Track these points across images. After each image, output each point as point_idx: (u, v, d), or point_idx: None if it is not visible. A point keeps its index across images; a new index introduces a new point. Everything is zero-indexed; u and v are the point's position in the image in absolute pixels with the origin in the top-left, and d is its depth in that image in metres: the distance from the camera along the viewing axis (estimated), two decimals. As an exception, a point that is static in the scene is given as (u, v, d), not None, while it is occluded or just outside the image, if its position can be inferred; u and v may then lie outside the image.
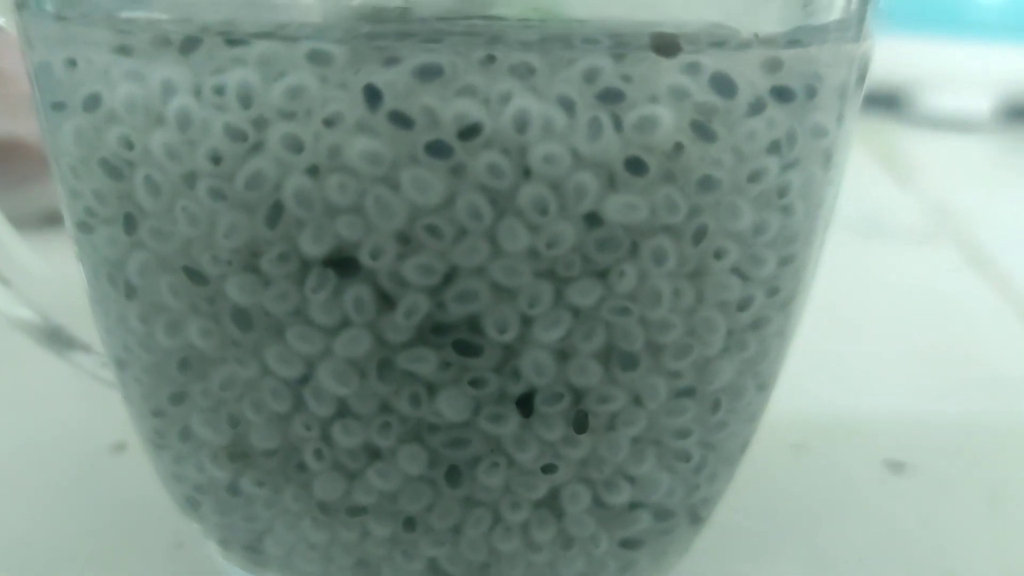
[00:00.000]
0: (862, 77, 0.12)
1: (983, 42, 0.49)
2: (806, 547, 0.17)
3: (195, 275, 0.12)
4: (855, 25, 0.12)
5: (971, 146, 0.49)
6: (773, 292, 0.12)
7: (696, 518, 0.14)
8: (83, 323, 0.17)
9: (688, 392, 0.12)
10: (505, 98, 0.10)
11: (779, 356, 0.13)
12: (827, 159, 0.12)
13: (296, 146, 0.11)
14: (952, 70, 0.49)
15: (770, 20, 0.12)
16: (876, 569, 0.17)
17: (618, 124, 0.10)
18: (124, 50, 0.12)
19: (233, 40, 0.11)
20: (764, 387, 0.13)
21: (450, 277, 0.11)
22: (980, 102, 0.50)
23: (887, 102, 0.51)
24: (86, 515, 0.18)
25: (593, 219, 0.11)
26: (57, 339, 0.17)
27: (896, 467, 0.20)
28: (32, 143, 0.27)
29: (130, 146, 0.11)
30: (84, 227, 0.13)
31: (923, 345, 0.26)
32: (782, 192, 0.12)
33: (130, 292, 0.12)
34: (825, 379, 0.23)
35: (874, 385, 0.24)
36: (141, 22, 0.12)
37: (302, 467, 0.12)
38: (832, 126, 0.12)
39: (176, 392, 0.13)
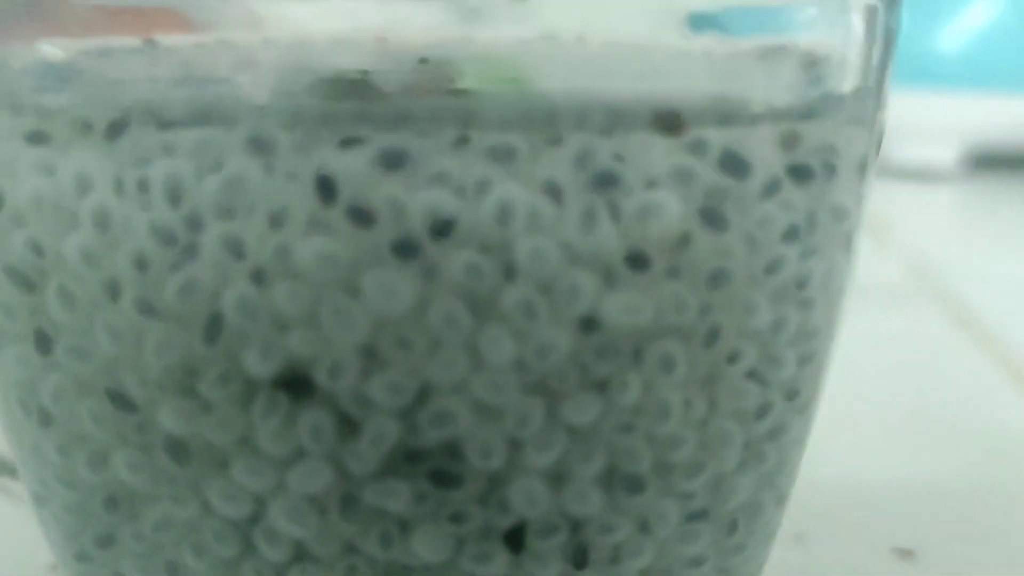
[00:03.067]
0: (877, 150, 0.11)
1: (945, 92, 0.49)
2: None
3: (121, 400, 0.10)
4: (875, 94, 0.10)
5: (940, 197, 0.49)
6: (792, 395, 0.11)
7: (710, 651, 0.12)
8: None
9: (702, 515, 0.11)
10: (483, 186, 0.09)
11: (797, 465, 0.12)
12: (848, 243, 0.11)
13: (237, 249, 0.09)
14: (916, 121, 0.49)
15: (774, 90, 0.10)
16: None
17: (615, 213, 0.09)
18: (37, 138, 0.10)
19: (165, 123, 0.09)
20: (782, 501, 0.12)
21: (424, 396, 0.09)
22: (945, 152, 0.50)
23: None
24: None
25: (589, 323, 0.09)
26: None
27: (904, 554, 0.19)
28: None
29: (40, 252, 0.10)
30: (-9, 344, 0.11)
31: (917, 412, 0.25)
32: (801, 284, 0.10)
33: (45, 419, 0.11)
34: (818, 456, 0.22)
35: (871, 460, 0.22)
36: (59, 104, 0.10)
37: (253, 618, 0.11)
38: (853, 206, 0.10)
39: (103, 534, 0.11)
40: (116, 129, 0.10)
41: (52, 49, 0.11)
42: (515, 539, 0.10)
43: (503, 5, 0.10)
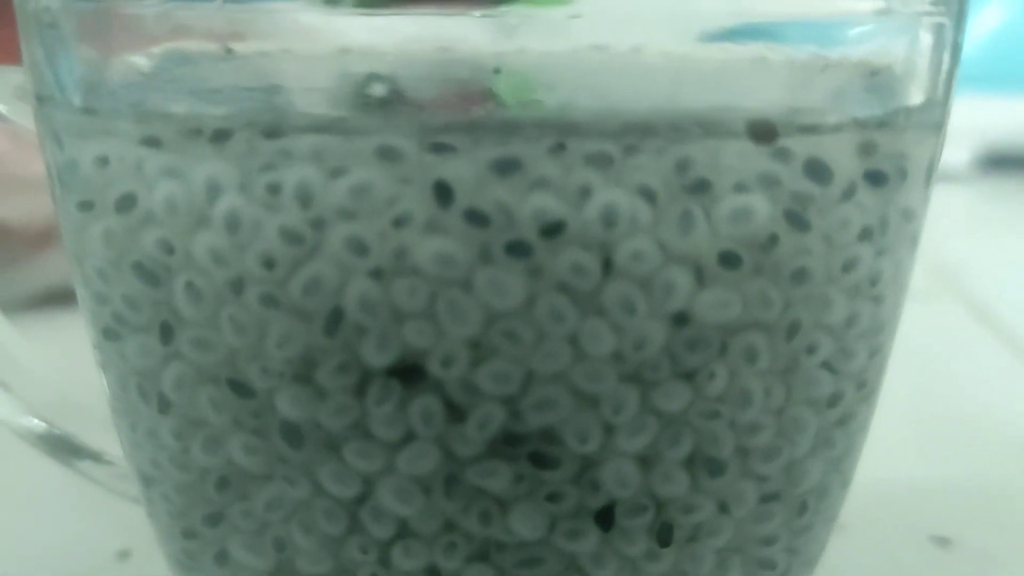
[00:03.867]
0: (940, 155, 0.12)
1: (958, 94, 0.50)
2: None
3: (241, 388, 0.11)
4: (942, 105, 0.11)
5: (954, 197, 0.49)
6: (861, 385, 0.11)
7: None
8: (92, 424, 0.16)
9: (775, 497, 0.11)
10: (585, 191, 0.10)
11: (860, 451, 0.12)
12: (914, 243, 0.11)
13: (360, 248, 0.10)
14: (930, 123, 0.50)
15: (843, 101, 0.11)
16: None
17: (709, 216, 0.10)
18: (155, 143, 0.11)
19: (276, 133, 0.10)
20: (846, 485, 0.12)
21: (527, 385, 0.10)
22: (959, 153, 0.51)
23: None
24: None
25: (682, 318, 0.10)
26: (62, 448, 0.15)
27: (942, 542, 0.19)
28: (17, 225, 0.26)
29: (170, 250, 0.10)
30: (111, 334, 0.12)
31: (944, 409, 0.26)
32: (874, 281, 0.11)
33: (164, 406, 0.11)
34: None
35: (904, 455, 0.23)
36: (168, 111, 0.11)
37: (355, 592, 0.11)
38: (919, 208, 0.11)
39: (212, 513, 0.12)
40: (222, 135, 0.10)
41: (142, 60, 0.12)
42: (605, 518, 0.11)
43: (553, 20, 0.11)
